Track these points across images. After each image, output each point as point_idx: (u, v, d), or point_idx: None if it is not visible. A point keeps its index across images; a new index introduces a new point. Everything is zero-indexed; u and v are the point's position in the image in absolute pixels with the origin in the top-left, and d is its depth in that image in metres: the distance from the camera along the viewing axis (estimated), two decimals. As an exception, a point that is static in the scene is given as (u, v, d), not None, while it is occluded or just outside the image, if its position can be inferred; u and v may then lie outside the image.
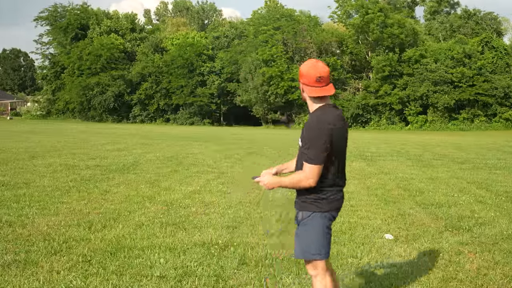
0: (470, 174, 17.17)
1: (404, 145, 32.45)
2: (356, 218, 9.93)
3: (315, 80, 4.57)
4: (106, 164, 17.58)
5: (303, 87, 4.68)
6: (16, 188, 12.18)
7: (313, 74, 4.58)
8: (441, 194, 12.99)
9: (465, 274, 6.80)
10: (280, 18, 76.42)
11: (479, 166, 19.87)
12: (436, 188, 13.89)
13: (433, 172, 17.66)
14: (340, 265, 6.99)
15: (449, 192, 13.23)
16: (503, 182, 15.39)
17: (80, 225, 8.77)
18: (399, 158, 22.45)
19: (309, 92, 4.62)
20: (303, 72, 4.65)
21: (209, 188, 13.07)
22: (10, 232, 8.16)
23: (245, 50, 76.39)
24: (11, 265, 6.62)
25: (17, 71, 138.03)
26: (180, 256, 7.19)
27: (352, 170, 17.71)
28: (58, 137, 33.07)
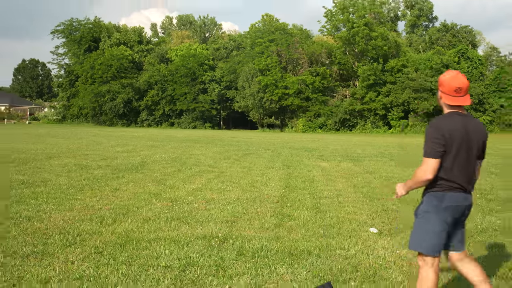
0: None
1: (387, 147, 32.48)
2: (344, 213, 9.94)
3: (454, 90, 4.63)
4: (116, 165, 17.57)
5: (441, 95, 4.76)
6: (34, 186, 12.16)
7: (453, 85, 4.64)
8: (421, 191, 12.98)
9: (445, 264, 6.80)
10: (274, 31, 76.41)
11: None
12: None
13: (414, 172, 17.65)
14: (329, 256, 6.98)
15: (428, 190, 13.23)
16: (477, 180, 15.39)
17: (93, 219, 8.77)
18: (382, 159, 22.45)
19: (445, 99, 4.70)
20: (443, 82, 4.72)
21: (210, 186, 13.06)
22: (29, 226, 8.16)
23: (242, 61, 76.43)
24: (30, 256, 6.62)
25: (35, 79, 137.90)
26: (184, 248, 7.19)
27: (340, 170, 17.73)
28: (72, 140, 33.03)
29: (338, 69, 74.08)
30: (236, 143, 34.12)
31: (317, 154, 24.33)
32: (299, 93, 70.67)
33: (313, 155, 24.01)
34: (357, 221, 9.27)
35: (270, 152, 25.48)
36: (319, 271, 6.36)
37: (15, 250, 6.86)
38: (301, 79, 70.71)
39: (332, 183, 14.21)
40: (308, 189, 12.96)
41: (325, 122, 69.78)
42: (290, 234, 8.16)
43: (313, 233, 8.29)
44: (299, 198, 11.52)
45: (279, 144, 33.64)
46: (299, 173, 16.43)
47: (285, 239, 7.82)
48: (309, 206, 10.54)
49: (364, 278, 6.14)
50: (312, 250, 7.26)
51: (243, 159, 20.97)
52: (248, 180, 14.38)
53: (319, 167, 18.64)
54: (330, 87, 72.85)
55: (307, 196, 11.84)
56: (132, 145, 28.81)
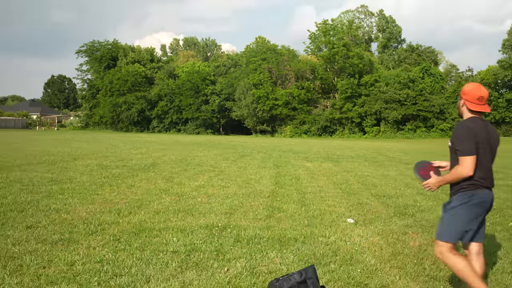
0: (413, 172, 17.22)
1: (362, 150, 32.54)
2: (325, 206, 9.96)
3: (477, 99, 4.66)
4: (131, 165, 17.55)
5: (465, 102, 4.76)
6: (61, 183, 12.16)
7: (476, 94, 4.68)
8: (390, 188, 13.04)
9: (409, 249, 6.83)
10: (266, 51, 76.31)
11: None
12: (387, 183, 13.95)
13: (385, 171, 17.72)
14: (313, 243, 7.00)
15: (397, 186, 13.29)
16: (438, 178, 15.44)
17: (111, 211, 8.77)
18: (358, 160, 22.47)
19: (470, 106, 4.70)
20: (468, 91, 4.75)
21: (211, 183, 13.07)
22: (57, 217, 8.16)
23: (239, 76, 76.39)
24: (58, 242, 6.63)
25: (62, 92, 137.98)
26: (189, 235, 7.20)
27: (322, 169, 17.75)
28: (94, 144, 32.98)
29: (320, 83, 74.02)
30: (233, 146, 34.11)
31: (302, 156, 24.34)
32: (287, 104, 70.66)
33: (299, 156, 24.02)
34: (336, 213, 9.30)
35: (262, 154, 25.48)
36: (304, 255, 6.39)
37: (45, 237, 6.87)
38: (288, 92, 70.72)
39: (315, 181, 14.23)
40: (295, 186, 12.98)
41: (309, 129, 69.77)
42: (279, 224, 8.18)
43: (299, 223, 8.31)
44: (287, 193, 11.54)
45: (270, 147, 33.63)
46: (287, 172, 16.45)
47: (275, 228, 7.84)
48: (296, 200, 10.56)
49: (342, 262, 6.16)
50: (298, 237, 7.28)
51: (239, 160, 20.97)
52: (244, 178, 14.39)
53: (304, 167, 18.66)
54: (313, 99, 72.81)
55: (294, 192, 11.86)
56: (145, 148, 28.78)
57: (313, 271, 4.40)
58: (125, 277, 5.41)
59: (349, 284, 5.41)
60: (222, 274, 5.60)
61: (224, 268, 5.81)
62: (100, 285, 5.15)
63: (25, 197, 9.94)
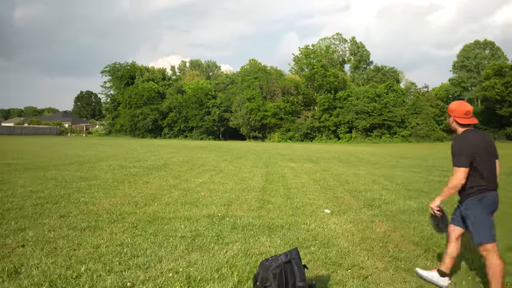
0: (379, 171, 17.27)
1: (337, 152, 32.61)
2: (307, 199, 9.98)
3: (464, 113, 4.61)
4: (146, 165, 17.53)
5: (454, 118, 4.68)
6: (88, 180, 12.13)
7: (463, 109, 4.62)
8: (360, 184, 13.07)
9: (376, 235, 6.86)
10: (258, 71, 76.35)
11: (386, 165, 19.99)
12: (358, 180, 13.98)
13: (356, 170, 17.77)
14: (296, 229, 7.02)
15: (366, 183, 13.32)
16: (400, 176, 15.50)
17: (130, 203, 8.77)
18: (333, 161, 22.50)
19: (459, 121, 4.63)
20: (455, 109, 4.68)
21: (212, 180, 13.06)
22: (85, 208, 8.15)
23: (235, 92, 76.37)
24: (86, 229, 6.64)
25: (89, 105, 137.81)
26: (194, 223, 7.21)
27: (304, 169, 17.76)
28: (115, 148, 32.89)
29: (302, 97, 74.04)
30: (231, 150, 34.10)
31: (287, 158, 24.36)
32: (275, 114, 70.71)
33: (285, 158, 24.03)
34: (316, 204, 9.32)
35: (254, 156, 25.48)
36: (289, 240, 6.41)
37: (75, 225, 6.87)
38: (276, 105, 70.78)
39: (298, 178, 14.25)
40: (281, 182, 12.99)
41: (293, 135, 69.78)
42: (269, 214, 8.19)
43: (285, 213, 8.32)
44: (275, 189, 11.55)
45: (261, 150, 33.65)
46: (275, 171, 16.46)
47: (265, 217, 7.85)
48: (282, 194, 10.58)
49: (320, 245, 6.19)
50: (284, 225, 7.30)
51: (236, 161, 20.97)
52: (239, 176, 14.40)
53: (289, 166, 18.68)
54: (296, 110, 72.88)
55: (281, 187, 11.87)
56: (158, 151, 28.73)
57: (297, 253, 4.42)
58: (141, 257, 5.42)
59: (326, 264, 5.43)
60: (221, 255, 5.61)
61: (223, 250, 5.82)
62: (121, 264, 5.16)
63: (58, 192, 9.92)
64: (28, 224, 6.83)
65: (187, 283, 4.69)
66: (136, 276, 4.83)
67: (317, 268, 5.28)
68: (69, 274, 4.79)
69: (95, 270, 4.96)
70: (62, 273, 4.80)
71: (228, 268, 5.15)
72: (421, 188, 12.39)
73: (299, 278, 4.21)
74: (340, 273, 5.15)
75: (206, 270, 5.06)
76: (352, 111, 66.35)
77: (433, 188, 12.43)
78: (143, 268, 5.08)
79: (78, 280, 4.65)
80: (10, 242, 5.87)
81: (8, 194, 9.40)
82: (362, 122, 65.75)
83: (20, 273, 4.81)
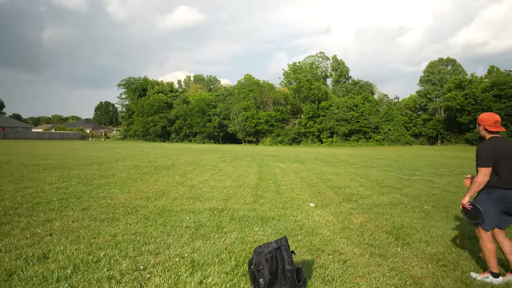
0: (357, 170, 17.31)
1: (320, 154, 32.65)
2: (294, 194, 9.99)
3: (494, 123, 4.63)
4: (157, 165, 17.50)
5: (485, 127, 4.68)
6: (107, 178, 12.11)
7: (492, 119, 4.63)
8: (340, 181, 13.10)
9: (354, 225, 6.89)
10: (252, 85, 76.31)
11: (362, 165, 20.04)
12: (338, 178, 14.01)
13: (336, 169, 17.81)
14: (285, 221, 7.04)
15: (345, 180, 13.35)
16: (375, 174, 15.54)
17: (142, 198, 8.76)
18: (317, 161, 22.52)
19: (489, 129, 4.64)
20: (485, 118, 4.68)
21: (213, 178, 13.06)
22: (104, 202, 8.14)
23: (233, 102, 76.30)
24: (104, 220, 6.62)
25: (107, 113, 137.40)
26: (197, 215, 7.21)
27: (292, 168, 17.77)
28: (130, 150, 32.80)
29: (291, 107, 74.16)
30: (229, 152, 34.08)
31: (278, 159, 24.37)
32: (267, 122, 70.72)
33: (275, 159, 24.04)
34: (302, 199, 9.34)
35: (249, 158, 25.48)
36: (279, 229, 6.42)
37: (95, 217, 6.86)
38: (268, 114, 70.80)
39: (287, 176, 14.27)
40: (272, 180, 13.01)
41: (283, 139, 69.76)
42: (262, 207, 8.21)
43: (276, 206, 8.34)
44: (267, 185, 11.56)
45: (255, 153, 33.64)
46: (267, 170, 16.46)
47: (258, 210, 7.86)
48: (273, 190, 10.59)
49: (306, 234, 6.21)
50: (275, 217, 7.31)
51: (233, 162, 20.96)
52: (236, 175, 14.40)
53: (279, 166, 18.69)
54: (285, 118, 72.92)
55: (272, 184, 11.89)
56: (166, 153, 28.67)
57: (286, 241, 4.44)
58: (152, 244, 5.42)
59: (311, 250, 5.45)
60: (221, 242, 5.62)
61: (222, 238, 5.83)
62: (134, 250, 5.16)
63: (81, 188, 9.89)
64: (55, 216, 6.81)
65: (192, 266, 4.70)
66: (148, 260, 4.84)
67: (303, 254, 5.30)
68: (90, 258, 4.80)
69: (113, 255, 4.96)
70: (84, 258, 4.80)
71: (227, 253, 5.16)
72: (392, 184, 12.44)
73: (288, 262, 4.24)
74: (323, 258, 5.17)
75: (208, 255, 5.07)
76: (333, 119, 66.48)
77: (403, 185, 12.48)
78: (153, 253, 5.08)
79: (98, 264, 4.66)
80: (40, 232, 5.86)
81: (37, 190, 9.36)
82: (342, 128, 65.89)
83: (48, 258, 4.82)
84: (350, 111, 67.39)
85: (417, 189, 11.62)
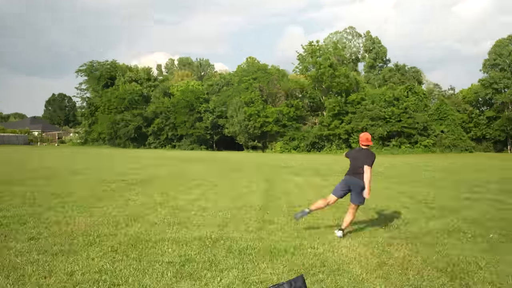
0: (398, 186, 17.26)
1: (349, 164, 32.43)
2: (314, 219, 9.98)
3: None
4: (129, 179, 17.53)
5: None
6: (62, 196, 12.14)
7: None
8: (377, 201, 13.06)
9: (394, 260, 6.87)
10: (257, 71, 76.48)
11: (404, 180, 19.98)
12: (373, 197, 13.92)
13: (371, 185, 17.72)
14: (302, 254, 7.02)
15: (382, 200, 13.30)
16: (422, 192, 15.48)
17: (109, 224, 8.78)
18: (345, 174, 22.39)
19: None
20: None
21: (205, 197, 13.06)
22: (58, 229, 8.17)
23: (231, 95, 76.40)
24: (58, 253, 6.64)
25: (63, 110, 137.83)
26: (183, 247, 7.22)
27: (311, 184, 17.75)
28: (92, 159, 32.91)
29: (309, 101, 74.29)
30: (226, 162, 34.11)
31: (291, 171, 24.37)
32: (277, 121, 70.77)
33: (289, 171, 24.04)
34: (325, 225, 9.33)
35: (253, 169, 25.50)
36: (293, 265, 6.42)
37: (46, 249, 6.87)
38: (278, 110, 70.88)
39: (304, 195, 14.23)
40: (285, 199, 12.99)
41: (298, 145, 69.83)
42: (270, 236, 8.20)
43: (289, 235, 8.33)
44: (277, 207, 11.54)
45: (260, 162, 33.66)
46: (277, 186, 16.44)
47: (266, 240, 7.86)
48: (285, 213, 10.58)
49: (330, 272, 6.19)
50: (288, 248, 7.30)
51: (232, 175, 20.96)
52: (236, 192, 14.39)
53: (293, 181, 18.66)
54: (302, 116, 72.98)
55: (284, 205, 11.87)
56: (141, 163, 28.74)
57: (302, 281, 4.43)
58: (123, 286, 5.42)
59: (337, 293, 5.44)
60: (215, 284, 5.62)
61: (217, 278, 5.82)
62: (99, 295, 5.17)
63: (26, 210, 9.91)
64: (-8, 248, 6.84)
65: (176, 316, 4.70)
66: (117, 308, 4.84)
67: (326, 298, 5.30)
68: (39, 305, 4.80)
69: (69, 301, 4.97)
70: (31, 305, 4.81)
71: (223, 298, 5.16)
72: (446, 205, 12.38)
73: (305, 310, 4.23)
74: (353, 304, 5.16)
75: (198, 301, 5.07)
76: (367, 117, 66.42)
77: (461, 205, 12.43)
78: (124, 298, 5.09)
79: (50, 313, 4.67)
80: (-29, 269, 5.88)
81: (-32, 213, 9.40)
82: (378, 129, 65.79)
83: (-18, 305, 4.83)
84: (389, 106, 67.39)
85: (480, 211, 11.56)
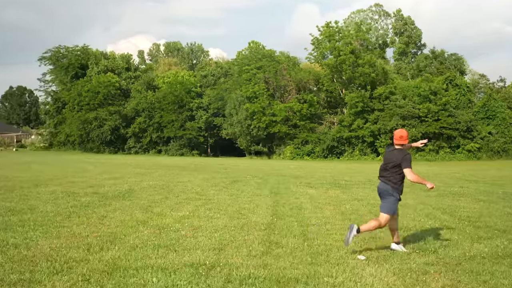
0: (436, 201, 17.24)
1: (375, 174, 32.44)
2: (332, 240, 9.98)
3: None
4: (103, 192, 17.55)
5: None
6: (21, 214, 12.16)
7: None
8: (409, 219, 13.05)
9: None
10: (261, 58, 76.35)
11: (444, 193, 19.96)
12: (405, 213, 13.93)
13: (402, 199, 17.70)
14: (317, 284, 7.02)
15: (416, 217, 13.29)
16: (465, 208, 15.46)
17: (80, 247, 8.78)
18: (371, 186, 22.33)
19: None
20: None
21: (197, 214, 13.08)
22: (16, 254, 8.17)
23: (230, 88, 76.41)
24: (17, 283, 6.64)
25: (22, 106, 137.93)
26: (171, 275, 7.22)
27: (328, 197, 17.76)
28: (59, 167, 32.96)
29: (326, 96, 74.15)
30: (224, 170, 34.13)
31: (304, 181, 24.35)
32: (287, 120, 70.62)
33: (301, 182, 24.02)
34: (345, 248, 9.31)
35: (257, 179, 25.49)
36: (306, 298, 6.42)
37: (1, 277, 6.88)
38: (288, 106, 70.70)
39: (319, 211, 14.24)
40: (296, 217, 12.99)
41: (313, 149, 69.69)
42: (278, 262, 8.20)
43: (301, 260, 8.33)
44: (286, 226, 11.55)
45: (266, 171, 33.66)
46: (286, 201, 16.45)
47: (272, 267, 7.86)
48: (297, 234, 10.58)
49: (351, 305, 6.20)
50: (300, 277, 7.30)
51: (231, 186, 20.97)
52: (236, 208, 14.40)
53: (306, 194, 18.66)
54: (317, 114, 72.75)
55: (295, 224, 11.87)
56: (119, 172, 28.77)
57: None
58: (96, 324, 5.43)
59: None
60: (210, 320, 5.62)
61: (212, 313, 5.83)
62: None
63: (-23, 230, 9.94)
64: None
65: None
66: None
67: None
68: None
69: None
70: None
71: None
72: (495, 224, 12.36)
73: None
74: None
75: None
76: (397, 115, 66.28)
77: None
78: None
79: None
80: None
81: None
82: (411, 130, 65.59)
83: None
84: (424, 102, 67.23)
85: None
